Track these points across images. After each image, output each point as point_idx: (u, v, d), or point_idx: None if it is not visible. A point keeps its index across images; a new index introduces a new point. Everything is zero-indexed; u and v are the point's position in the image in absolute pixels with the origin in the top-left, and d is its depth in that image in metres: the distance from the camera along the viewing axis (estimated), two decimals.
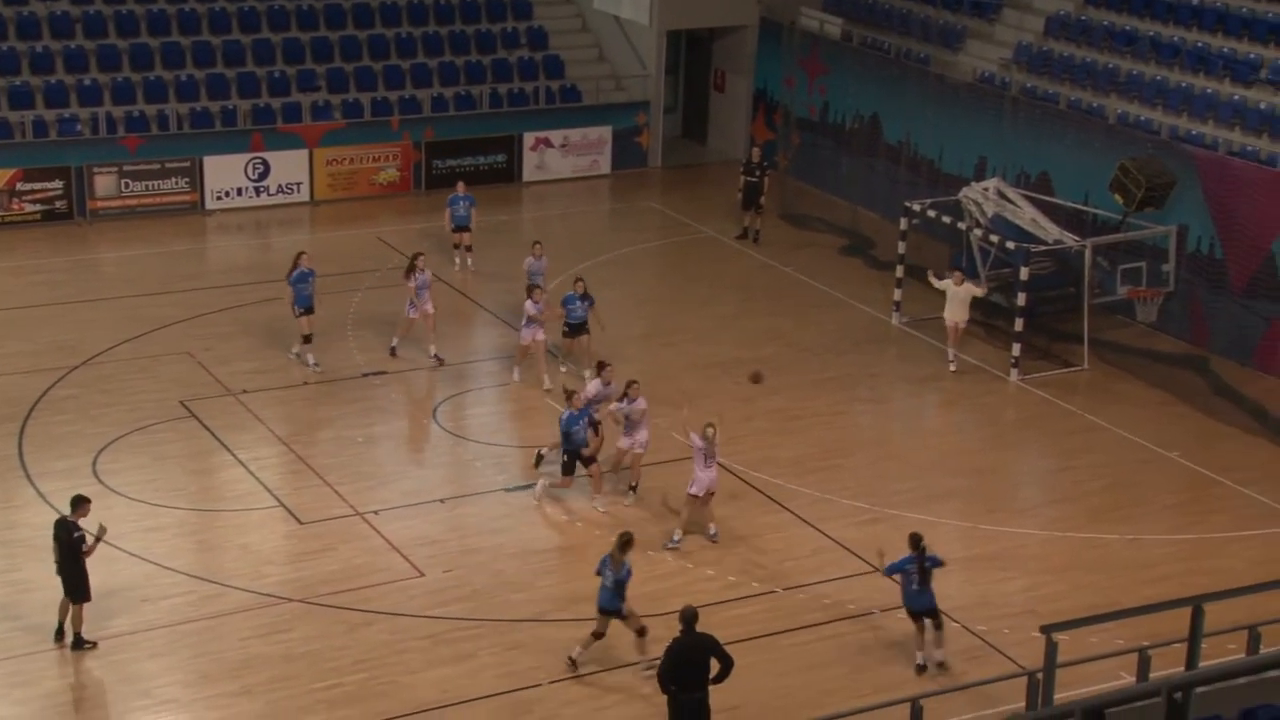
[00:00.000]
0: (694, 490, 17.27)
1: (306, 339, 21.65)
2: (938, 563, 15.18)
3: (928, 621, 15.21)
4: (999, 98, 26.31)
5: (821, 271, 25.94)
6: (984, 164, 26.20)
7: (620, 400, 18.32)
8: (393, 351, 22.02)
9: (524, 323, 21.06)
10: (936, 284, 22.32)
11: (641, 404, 18.29)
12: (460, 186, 25.89)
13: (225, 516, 17.88)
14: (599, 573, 15.01)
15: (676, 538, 17.39)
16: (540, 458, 18.68)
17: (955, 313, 21.94)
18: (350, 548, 17.21)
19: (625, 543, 14.89)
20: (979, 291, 21.98)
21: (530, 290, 21.11)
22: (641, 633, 14.95)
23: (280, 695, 14.60)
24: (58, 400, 20.42)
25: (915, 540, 15.23)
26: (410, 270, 21.84)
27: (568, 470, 18.08)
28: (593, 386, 18.82)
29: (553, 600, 16.38)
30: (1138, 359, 22.64)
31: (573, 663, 15.02)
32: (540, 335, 21.03)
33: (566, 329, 21.24)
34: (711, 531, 17.51)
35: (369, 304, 24.13)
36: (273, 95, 29.18)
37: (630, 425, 18.35)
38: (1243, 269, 22.39)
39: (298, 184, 28.44)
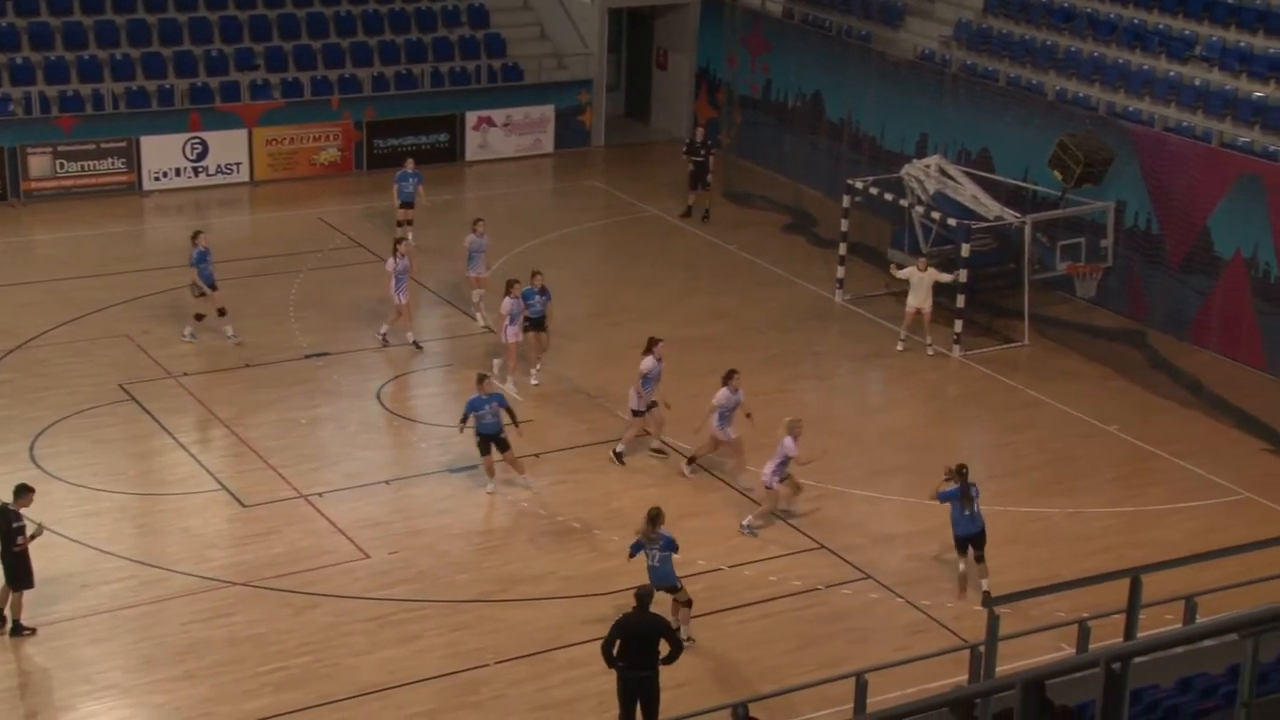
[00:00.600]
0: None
1: (221, 312, 21.52)
2: (976, 491, 16.31)
3: (971, 551, 15.96)
4: (939, 75, 26.44)
5: (765, 249, 26.00)
6: (925, 141, 26.35)
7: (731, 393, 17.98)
8: (383, 339, 21.71)
9: (507, 321, 20.15)
10: (899, 274, 22.34)
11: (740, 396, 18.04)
12: (409, 164, 25.68)
13: (167, 500, 17.71)
14: (633, 555, 15.02)
15: (748, 522, 17.45)
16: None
17: (920, 299, 21.84)
18: (294, 530, 17.10)
19: (654, 517, 14.91)
20: (945, 278, 21.97)
21: (510, 286, 20.25)
22: (688, 604, 15.09)
23: (224, 679, 14.51)
24: None
25: (961, 471, 16.07)
26: (394, 255, 21.59)
27: (482, 451, 17.94)
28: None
29: (498, 581, 16.36)
30: (1077, 334, 22.88)
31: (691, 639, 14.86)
32: (520, 334, 20.37)
33: (526, 323, 20.74)
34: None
35: (311, 285, 23.95)
36: (210, 74, 28.84)
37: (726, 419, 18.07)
38: (1179, 244, 22.66)
39: (237, 164, 28.15)
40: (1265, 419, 20.12)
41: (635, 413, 18.82)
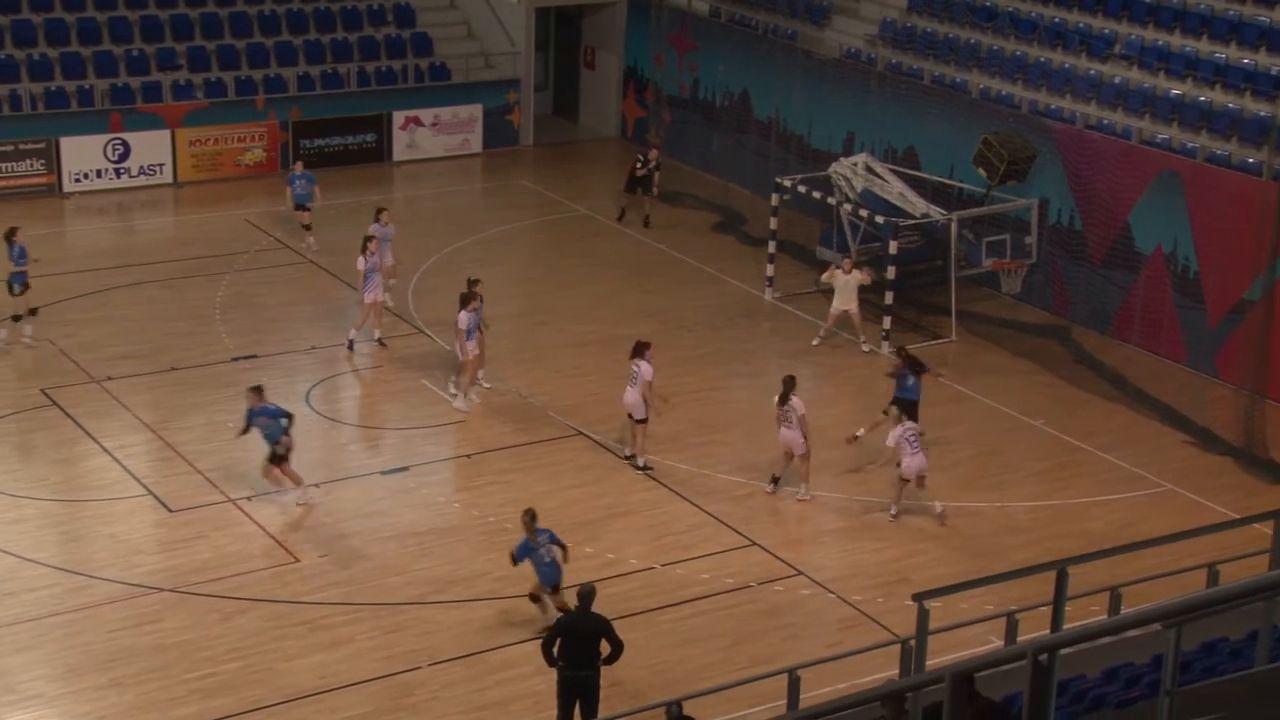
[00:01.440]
0: (906, 474, 17.48)
1: (32, 312, 21.09)
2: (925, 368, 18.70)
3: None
4: (865, 73, 26.65)
5: (695, 248, 26.08)
6: (852, 139, 26.54)
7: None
8: (350, 345, 21.50)
9: (465, 336, 19.58)
10: (825, 279, 22.41)
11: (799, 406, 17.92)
12: (298, 165, 25.38)
13: (91, 506, 17.45)
14: (519, 560, 15.09)
15: (893, 511, 17.68)
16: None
17: (845, 301, 21.97)
18: (223, 535, 16.92)
19: (531, 517, 15.09)
20: (866, 280, 22.08)
21: (467, 300, 19.66)
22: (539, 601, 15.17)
23: (152, 687, 14.32)
24: None
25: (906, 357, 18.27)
26: (363, 252, 21.32)
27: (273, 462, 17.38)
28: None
29: (431, 582, 16.29)
30: (1003, 330, 23.15)
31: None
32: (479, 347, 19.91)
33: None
34: (938, 510, 17.66)
35: (238, 287, 23.70)
36: (131, 74, 28.45)
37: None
38: (1101, 240, 22.99)
39: (160, 165, 27.80)
40: (1186, 412, 20.47)
41: (639, 421, 18.59)
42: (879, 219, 22.87)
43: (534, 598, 15.52)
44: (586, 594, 13.42)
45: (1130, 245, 22.57)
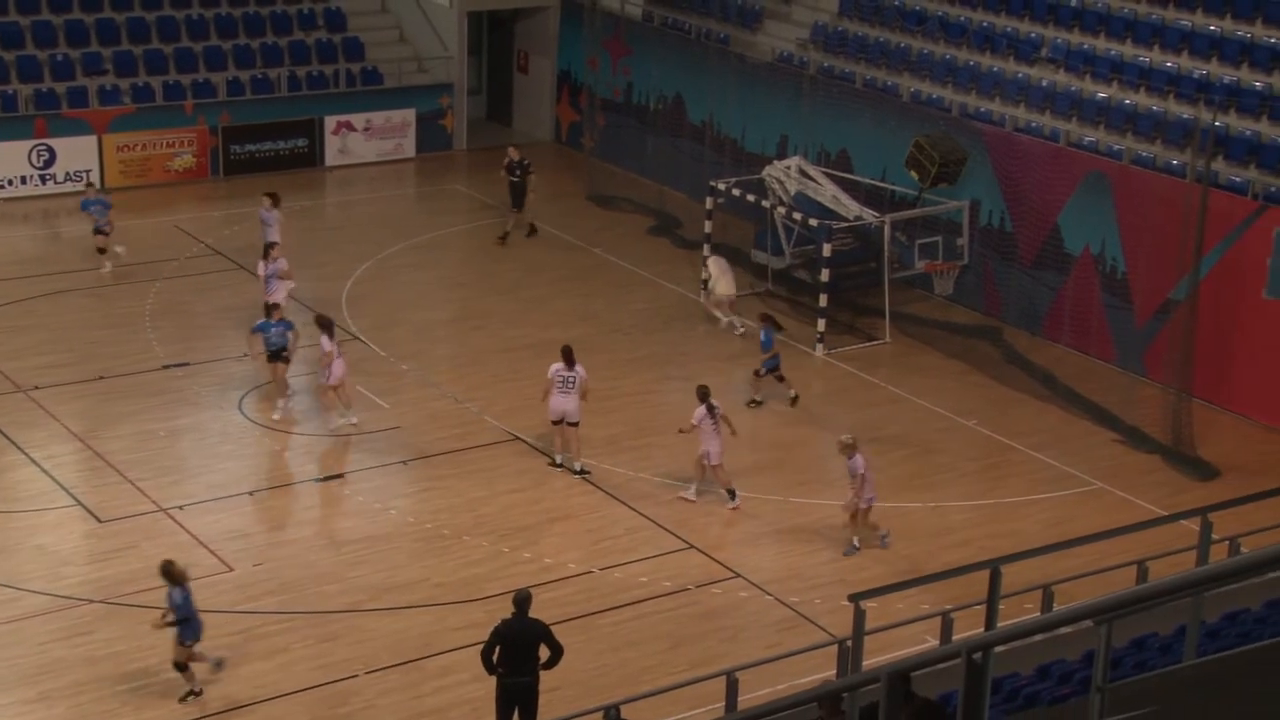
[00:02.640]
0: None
1: None
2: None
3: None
4: (798, 77, 26.79)
5: (630, 252, 26.10)
6: (785, 142, 26.67)
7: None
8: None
9: (335, 360, 19.07)
10: (705, 274, 23.19)
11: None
12: (91, 190, 24.73)
13: (19, 517, 17.17)
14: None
15: (856, 543, 17.21)
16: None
17: (727, 287, 22.81)
18: (154, 545, 16.69)
19: (165, 571, 14.07)
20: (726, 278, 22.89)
21: (328, 326, 19.26)
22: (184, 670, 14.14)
23: (84, 699, 14.12)
24: None
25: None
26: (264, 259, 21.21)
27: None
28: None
29: (366, 590, 16.17)
30: (936, 331, 23.36)
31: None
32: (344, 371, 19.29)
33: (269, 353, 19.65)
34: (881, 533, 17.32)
35: (168, 294, 23.43)
36: (56, 79, 28.04)
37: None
38: (1031, 241, 23.26)
39: (87, 171, 27.41)
40: (1115, 411, 20.75)
41: (573, 425, 18.46)
42: (813, 222, 23.00)
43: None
44: (523, 600, 13.36)
45: (1060, 246, 22.85)
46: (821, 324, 22.59)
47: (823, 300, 22.56)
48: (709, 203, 24.25)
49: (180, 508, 17.44)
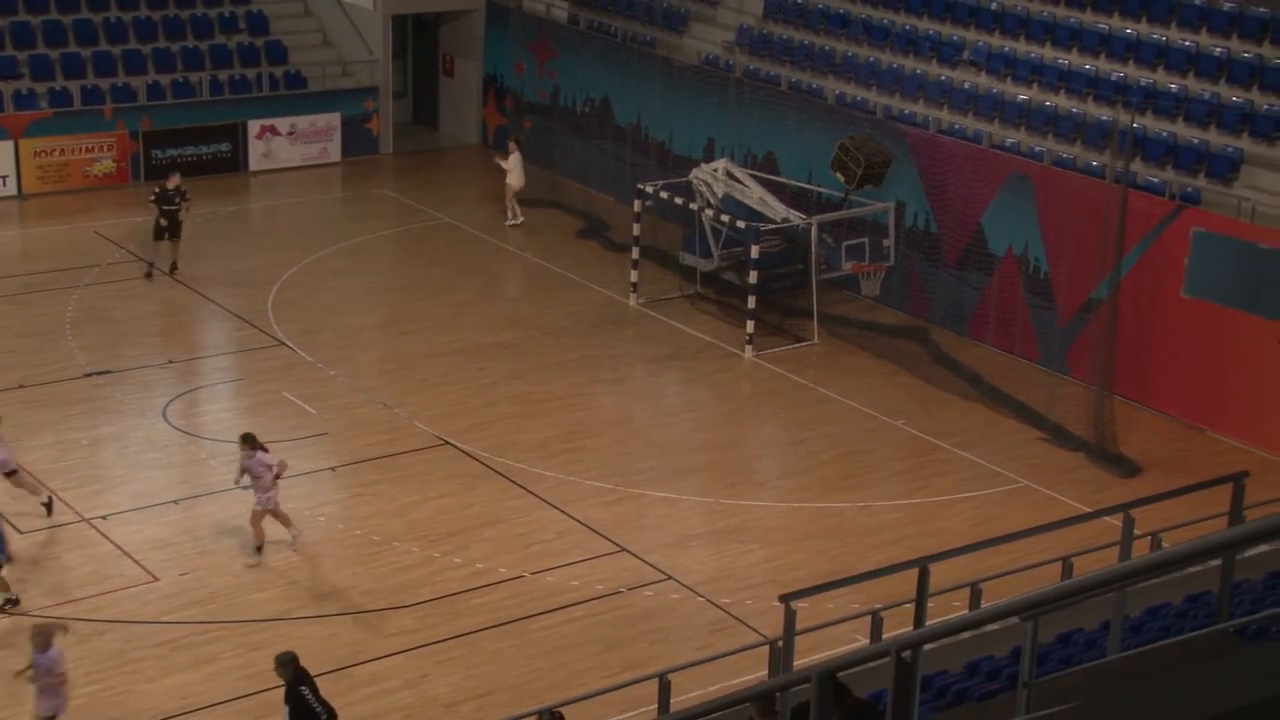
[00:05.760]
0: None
1: None
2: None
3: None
4: (724, 80, 26.90)
5: (559, 255, 26.07)
6: (713, 145, 26.77)
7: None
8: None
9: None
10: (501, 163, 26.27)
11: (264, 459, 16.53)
12: None
13: None
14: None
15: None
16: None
17: (516, 179, 26.28)
18: (77, 555, 16.45)
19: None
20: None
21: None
22: None
23: (5, 715, 13.86)
24: None
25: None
26: None
27: None
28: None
29: (294, 598, 16.03)
30: (863, 331, 23.55)
31: None
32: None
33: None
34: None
35: (89, 301, 23.08)
36: None
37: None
38: (955, 242, 23.52)
39: (4, 177, 26.95)
40: (1039, 409, 21.03)
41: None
42: (740, 224, 23.10)
43: None
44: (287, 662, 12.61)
45: (984, 247, 23.12)
46: (750, 326, 22.69)
47: (751, 302, 22.67)
48: (637, 205, 24.29)
49: (104, 517, 17.18)
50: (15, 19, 28.59)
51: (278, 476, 16.55)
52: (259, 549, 16.69)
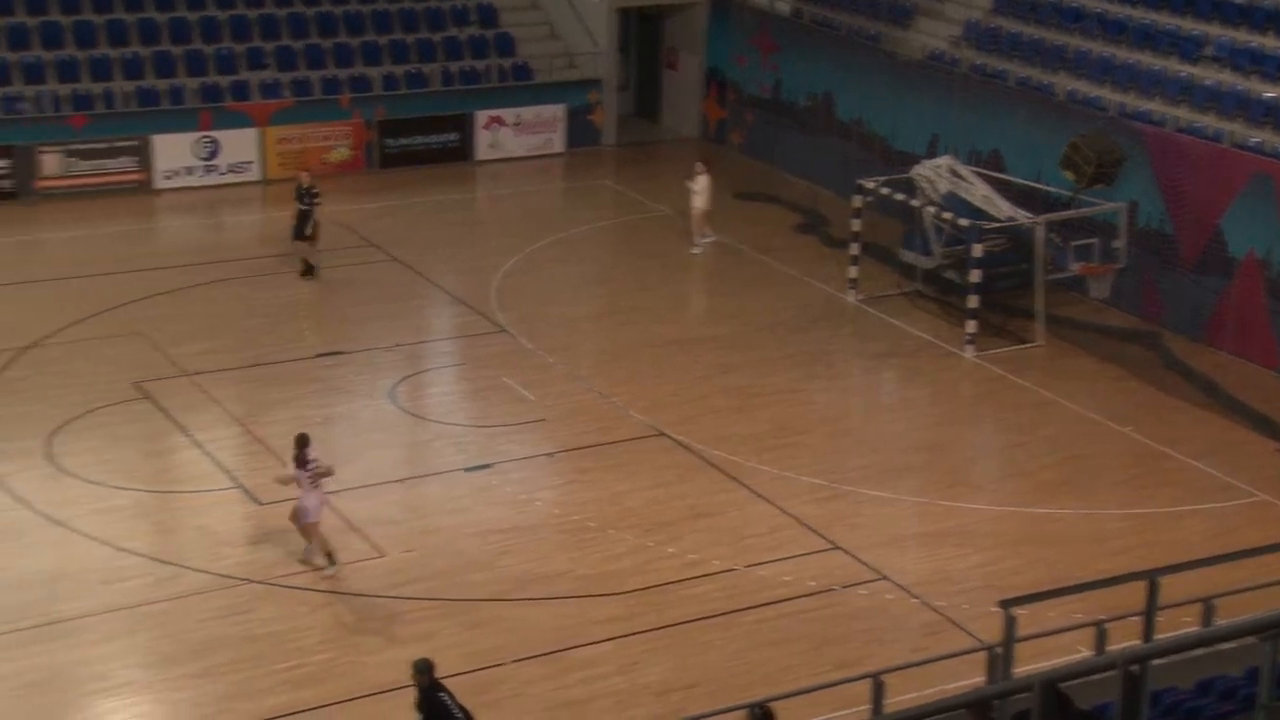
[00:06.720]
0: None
1: None
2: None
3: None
4: (949, 75, 26.44)
5: (776, 249, 26.01)
6: (936, 141, 26.34)
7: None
8: None
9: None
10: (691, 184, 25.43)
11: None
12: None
13: (182, 498, 17.74)
14: None
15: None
16: None
17: (704, 201, 25.35)
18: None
19: None
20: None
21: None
22: None
23: (242, 676, 14.54)
24: (9, 382, 20.18)
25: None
26: None
27: None
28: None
29: (513, 580, 16.38)
30: (1091, 334, 22.87)
31: None
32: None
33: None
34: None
35: (320, 284, 23.95)
36: (221, 73, 28.87)
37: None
38: (1192, 244, 22.64)
39: (248, 163, 28.18)
40: (1279, 420, 20.10)
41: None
42: (963, 222, 22.68)
43: None
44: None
45: (1223, 249, 22.20)
46: (972, 325, 22.26)
47: (972, 301, 22.23)
48: (857, 201, 24.06)
49: (333, 492, 17.82)
50: (263, 11, 29.88)
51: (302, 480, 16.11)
52: (328, 557, 16.22)
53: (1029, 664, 12.04)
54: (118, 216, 26.41)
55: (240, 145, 28.08)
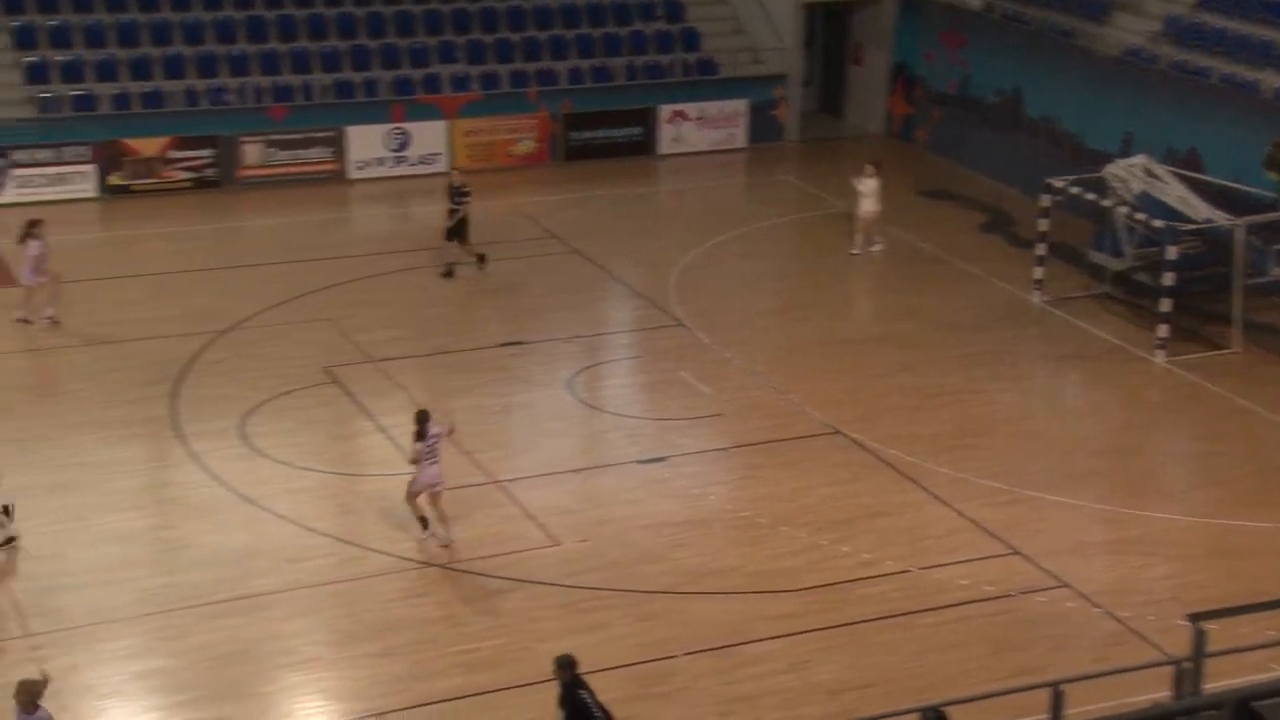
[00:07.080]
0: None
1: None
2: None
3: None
4: (1146, 72, 25.63)
5: (960, 248, 25.57)
6: (1130, 140, 25.57)
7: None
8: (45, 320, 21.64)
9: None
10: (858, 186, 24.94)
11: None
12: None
13: (366, 481, 18.20)
14: None
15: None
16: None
17: (872, 204, 24.83)
18: (486, 515, 17.40)
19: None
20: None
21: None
22: None
23: (420, 657, 14.87)
24: (208, 364, 20.99)
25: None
26: (26, 237, 21.59)
27: None
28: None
29: (685, 573, 16.42)
30: None
31: None
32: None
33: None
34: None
35: (502, 274, 24.30)
36: (413, 66, 29.56)
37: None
38: None
39: (436, 155, 28.80)
40: None
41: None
42: (1157, 223, 21.97)
43: None
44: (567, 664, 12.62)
45: None
46: (1164, 330, 21.56)
47: (1165, 305, 21.53)
48: (1045, 200, 23.50)
49: (511, 480, 18.13)
50: (455, 6, 30.51)
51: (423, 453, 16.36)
52: (421, 522, 16.59)
53: (1215, 681, 11.63)
54: (312, 205, 27.25)
55: (430, 137, 28.71)
